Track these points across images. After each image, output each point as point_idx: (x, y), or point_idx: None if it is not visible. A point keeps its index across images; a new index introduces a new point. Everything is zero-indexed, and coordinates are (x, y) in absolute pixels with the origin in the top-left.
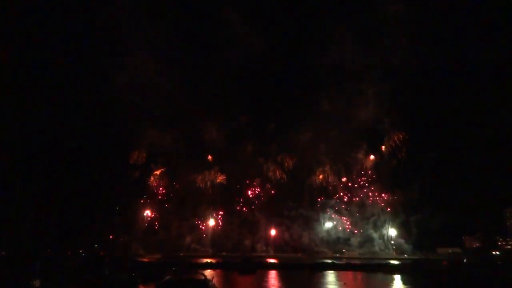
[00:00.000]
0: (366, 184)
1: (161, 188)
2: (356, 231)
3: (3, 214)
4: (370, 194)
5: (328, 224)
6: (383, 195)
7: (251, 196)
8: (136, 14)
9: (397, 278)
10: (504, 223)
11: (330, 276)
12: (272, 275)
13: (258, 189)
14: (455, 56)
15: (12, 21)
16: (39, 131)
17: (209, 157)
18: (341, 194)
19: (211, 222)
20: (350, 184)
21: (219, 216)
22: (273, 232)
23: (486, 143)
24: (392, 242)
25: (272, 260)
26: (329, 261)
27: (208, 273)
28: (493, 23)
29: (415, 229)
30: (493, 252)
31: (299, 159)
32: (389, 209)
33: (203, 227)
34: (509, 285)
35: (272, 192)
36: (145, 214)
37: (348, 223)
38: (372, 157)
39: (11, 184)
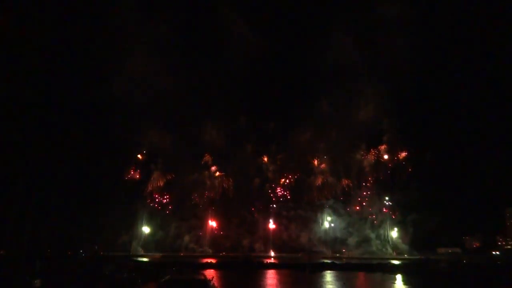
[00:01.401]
0: (365, 184)
1: (160, 189)
2: (354, 231)
3: (3, 214)
4: (368, 194)
5: (326, 224)
6: (381, 195)
7: (250, 196)
8: (136, 14)
9: (397, 278)
10: (504, 223)
11: (330, 276)
12: (272, 275)
13: (257, 190)
14: (455, 56)
15: (12, 21)
16: (39, 131)
17: (209, 157)
18: (340, 194)
19: (210, 222)
20: (348, 184)
21: (218, 216)
22: (272, 232)
23: (486, 142)
24: (390, 242)
25: (271, 260)
26: (329, 261)
27: (208, 273)
28: (493, 22)
29: (413, 229)
30: (493, 252)
31: (298, 160)
32: (387, 209)
33: (201, 228)
34: (509, 285)
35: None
36: (145, 214)
37: (346, 223)
38: (371, 157)
39: (12, 184)
